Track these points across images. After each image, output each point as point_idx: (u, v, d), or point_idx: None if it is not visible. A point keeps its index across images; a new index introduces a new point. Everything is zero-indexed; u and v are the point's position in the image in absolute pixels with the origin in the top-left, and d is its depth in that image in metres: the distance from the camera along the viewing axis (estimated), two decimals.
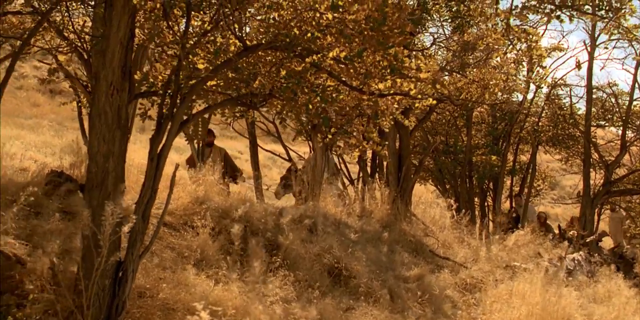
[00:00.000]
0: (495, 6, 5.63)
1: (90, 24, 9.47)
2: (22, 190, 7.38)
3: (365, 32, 5.04)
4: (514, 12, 5.55)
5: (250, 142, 12.45)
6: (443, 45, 11.57)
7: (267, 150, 14.08)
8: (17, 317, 5.00)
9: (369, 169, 13.20)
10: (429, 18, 10.53)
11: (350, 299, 7.87)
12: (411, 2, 10.55)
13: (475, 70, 12.26)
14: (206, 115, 8.99)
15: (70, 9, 8.57)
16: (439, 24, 11.24)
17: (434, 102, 6.08)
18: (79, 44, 8.62)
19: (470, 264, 10.07)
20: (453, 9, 9.51)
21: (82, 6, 8.96)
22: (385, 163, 12.61)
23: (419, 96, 5.31)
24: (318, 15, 5.27)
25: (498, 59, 12.82)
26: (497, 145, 15.60)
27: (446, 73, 11.66)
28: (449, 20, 10.25)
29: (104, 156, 5.39)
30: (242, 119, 9.57)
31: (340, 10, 5.15)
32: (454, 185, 15.39)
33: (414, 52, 9.07)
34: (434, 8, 10.25)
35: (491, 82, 9.77)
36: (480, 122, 15.98)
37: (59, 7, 8.28)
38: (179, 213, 8.23)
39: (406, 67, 5.11)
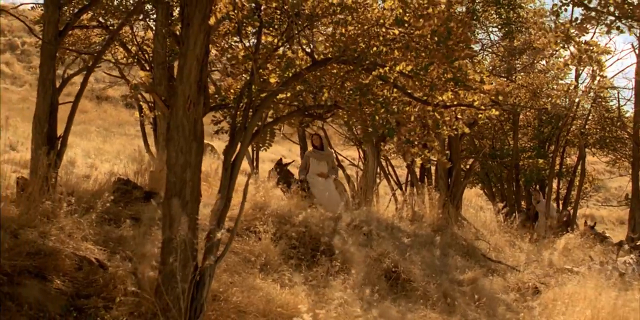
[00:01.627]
0: (555, 18, 5.80)
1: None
2: (93, 197, 7.79)
3: (431, 47, 5.26)
4: (573, 23, 5.72)
5: (302, 148, 12.72)
6: (491, 51, 11.72)
7: None
8: (105, 318, 5.32)
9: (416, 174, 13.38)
10: (478, 25, 10.70)
11: (408, 302, 8.08)
12: (460, 9, 10.72)
13: (522, 74, 12.38)
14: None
15: (134, 24, 8.96)
16: (489, 30, 11.39)
17: (497, 112, 6.28)
18: (141, 56, 8.99)
19: (522, 267, 10.19)
20: (503, 16, 9.66)
21: (145, 21, 9.34)
22: (433, 168, 12.78)
23: (482, 107, 5.52)
24: (384, 30, 5.50)
25: (544, 62, 12.92)
26: (544, 148, 15.65)
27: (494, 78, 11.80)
28: (499, 27, 10.40)
29: (182, 167, 5.69)
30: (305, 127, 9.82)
31: (406, 25, 5.38)
32: (500, 188, 15.48)
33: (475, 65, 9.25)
34: (483, 15, 10.41)
35: (553, 93, 9.89)
36: (527, 126, 16.05)
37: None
38: (241, 219, 8.52)
39: (470, 79, 5.32)
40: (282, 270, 7.53)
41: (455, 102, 5.52)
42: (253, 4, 5.61)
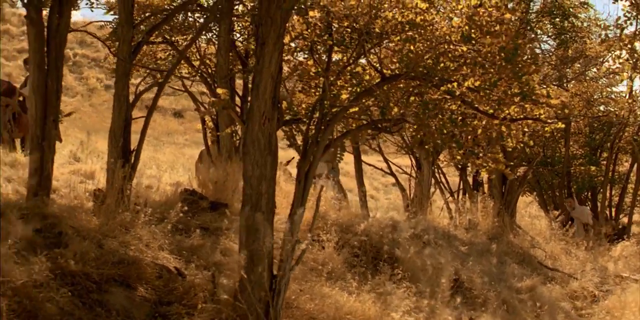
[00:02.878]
0: (620, 32, 5.92)
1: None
2: (163, 207, 8.10)
3: (499, 63, 5.44)
4: (638, 37, 5.84)
5: (355, 157, 12.93)
6: (544, 60, 11.81)
7: (369, 164, 14.51)
8: None
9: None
10: (532, 34, 10.81)
11: (470, 310, 8.23)
12: (514, 18, 10.84)
13: (573, 82, 12.43)
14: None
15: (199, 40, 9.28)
16: (541, 40, 11.49)
17: (563, 125, 6.42)
18: (204, 70, 9.32)
19: (579, 275, 10.25)
20: (558, 26, 9.77)
21: (208, 36, 9.67)
22: (486, 176, 12.88)
23: (549, 120, 5.68)
24: (452, 47, 5.70)
25: (595, 70, 12.95)
26: (595, 155, 15.62)
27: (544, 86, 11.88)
28: (553, 37, 10.51)
29: (258, 179, 5.95)
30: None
31: (473, 42, 5.57)
32: (552, 196, 15.49)
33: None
34: (537, 25, 10.53)
35: (608, 101, 9.95)
36: (578, 133, 16.03)
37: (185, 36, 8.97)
38: (303, 228, 8.77)
39: (537, 93, 5.48)
40: (347, 278, 7.75)
41: (521, 116, 5.69)
42: (325, 23, 5.86)
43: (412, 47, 5.84)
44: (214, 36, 9.74)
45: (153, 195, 8.97)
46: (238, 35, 10.00)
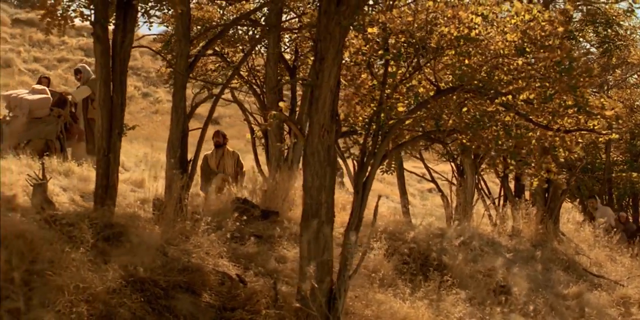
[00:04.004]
0: None
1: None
2: (217, 216, 8.35)
3: (554, 76, 5.59)
4: None
5: (398, 165, 13.07)
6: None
7: (409, 171, 14.64)
8: None
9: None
10: (574, 42, 10.90)
11: (518, 316, 8.35)
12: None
13: (615, 89, 12.48)
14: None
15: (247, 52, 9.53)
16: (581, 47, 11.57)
17: (617, 136, 6.55)
18: (252, 81, 9.57)
19: (625, 281, 10.30)
20: (601, 35, 9.86)
21: (256, 47, 9.93)
22: (527, 182, 12.94)
23: (603, 131, 5.81)
24: (506, 60, 5.86)
25: (636, 76, 12.98)
26: (637, 162, 15.60)
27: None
28: (596, 46, 10.59)
29: (317, 189, 6.17)
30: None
31: (527, 55, 5.73)
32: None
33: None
34: (580, 33, 10.62)
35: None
36: (619, 139, 16.02)
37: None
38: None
39: (591, 105, 5.63)
40: (398, 285, 7.93)
41: (575, 127, 5.83)
42: (382, 39, 6.06)
43: (466, 61, 6.01)
44: (263, 48, 9.99)
45: (206, 203, 9.24)
46: (285, 46, 10.25)
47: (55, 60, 32.65)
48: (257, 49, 10.24)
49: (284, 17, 9.64)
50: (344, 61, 6.48)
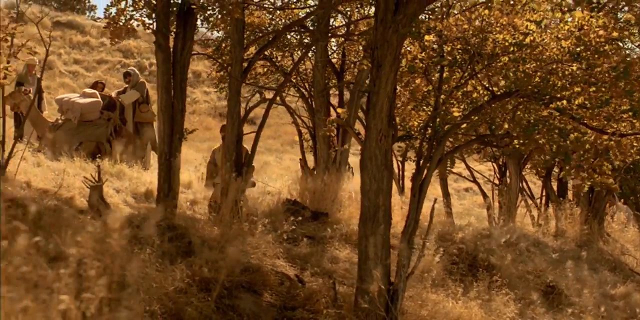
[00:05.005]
0: None
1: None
2: (269, 217, 8.57)
3: (609, 81, 5.70)
4: None
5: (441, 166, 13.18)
6: None
7: (451, 171, 14.74)
8: None
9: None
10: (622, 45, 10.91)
11: (566, 316, 8.45)
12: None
13: None
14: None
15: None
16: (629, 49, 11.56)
17: None
18: (301, 84, 9.77)
19: None
20: None
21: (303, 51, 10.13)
22: (571, 182, 12.99)
23: None
24: (561, 66, 5.99)
25: None
26: None
27: None
28: None
29: (375, 193, 6.35)
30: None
31: (582, 61, 5.85)
32: (635, 202, 15.44)
33: None
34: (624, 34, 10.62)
35: None
36: None
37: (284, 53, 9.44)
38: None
39: None
40: (448, 285, 8.08)
41: (629, 131, 5.94)
42: (437, 46, 6.22)
43: (521, 67, 6.14)
44: (311, 52, 10.19)
45: (257, 205, 9.48)
46: (332, 51, 10.44)
47: (94, 62, 33.22)
48: (303, 50, 10.44)
49: (334, 23, 9.84)
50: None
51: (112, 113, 13.32)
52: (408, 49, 6.23)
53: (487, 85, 6.27)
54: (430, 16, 6.21)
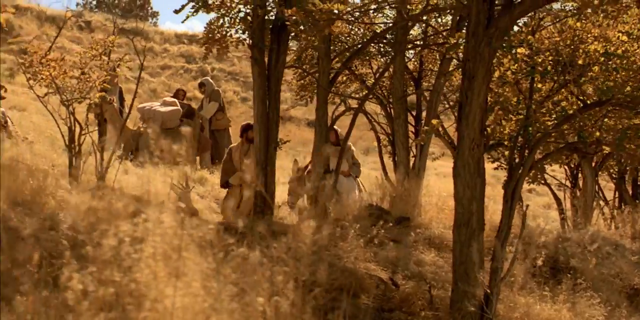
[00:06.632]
0: None
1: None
2: (353, 221, 8.86)
3: None
4: None
5: None
6: None
7: None
8: None
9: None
10: None
11: None
12: None
13: None
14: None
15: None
16: None
17: None
18: (378, 92, 10.06)
19: None
20: None
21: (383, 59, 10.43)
22: None
23: None
24: None
25: None
26: None
27: None
28: None
29: (468, 200, 6.60)
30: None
31: None
32: None
33: None
34: None
35: None
36: None
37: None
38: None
39: None
40: (532, 288, 8.26)
41: None
42: (528, 57, 6.44)
43: (612, 77, 6.32)
44: (389, 60, 10.46)
45: (343, 211, 9.80)
46: (409, 58, 10.70)
47: (158, 67, 34.09)
48: (382, 60, 10.73)
49: (411, 32, 10.10)
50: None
51: (191, 121, 13.85)
52: (501, 60, 6.46)
53: (578, 95, 6.46)
54: (522, 29, 6.42)
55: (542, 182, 14.27)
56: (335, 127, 10.28)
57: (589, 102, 6.49)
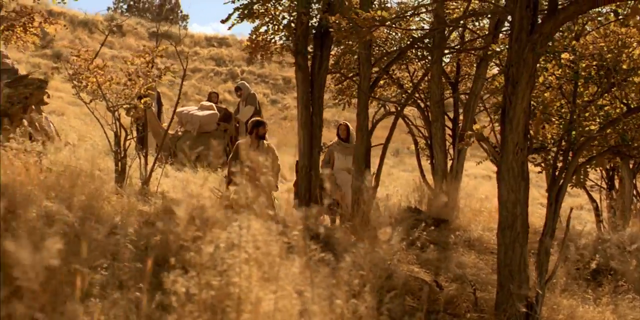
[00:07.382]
0: None
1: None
2: (393, 224, 8.98)
3: None
4: None
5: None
6: None
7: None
8: None
9: None
10: None
11: None
12: None
13: None
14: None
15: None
16: None
17: None
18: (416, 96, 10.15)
19: None
20: None
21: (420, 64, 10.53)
22: None
23: None
24: None
25: None
26: None
27: None
28: None
29: (513, 203, 6.68)
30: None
31: None
32: None
33: None
34: None
35: None
36: None
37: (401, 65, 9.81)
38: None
39: None
40: (574, 290, 8.31)
41: None
42: (572, 63, 6.51)
43: None
44: (427, 65, 10.56)
45: (384, 213, 9.92)
46: (446, 62, 10.79)
47: (188, 70, 34.30)
48: (420, 63, 10.83)
49: (449, 36, 10.19)
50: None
51: (228, 124, 14.06)
52: (545, 66, 6.54)
53: (622, 99, 6.52)
54: (566, 34, 6.50)
55: (584, 186, 14.27)
56: (346, 122, 10.38)
57: (632, 106, 6.55)
